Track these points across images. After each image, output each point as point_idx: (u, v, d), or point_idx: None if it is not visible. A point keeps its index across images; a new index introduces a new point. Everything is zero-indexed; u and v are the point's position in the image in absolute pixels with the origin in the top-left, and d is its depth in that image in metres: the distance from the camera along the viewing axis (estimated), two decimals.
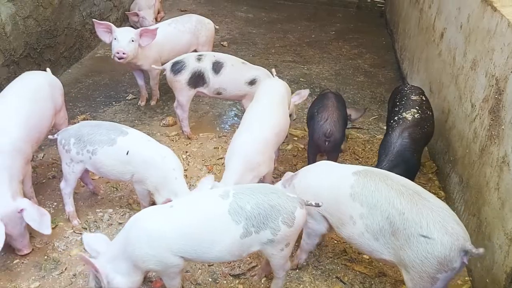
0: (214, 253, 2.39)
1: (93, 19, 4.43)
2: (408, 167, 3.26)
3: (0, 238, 2.65)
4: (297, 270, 3.01)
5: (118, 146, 3.06)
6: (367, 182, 2.54)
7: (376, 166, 3.23)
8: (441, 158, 3.91)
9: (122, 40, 4.16)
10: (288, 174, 3.08)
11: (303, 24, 7.52)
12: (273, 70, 4.11)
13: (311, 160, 3.67)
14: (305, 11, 8.10)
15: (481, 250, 2.26)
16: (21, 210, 2.79)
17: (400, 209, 2.39)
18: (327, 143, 3.50)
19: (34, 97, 3.27)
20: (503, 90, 2.82)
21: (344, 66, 6.10)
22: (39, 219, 2.83)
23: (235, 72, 4.14)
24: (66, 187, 3.23)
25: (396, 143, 3.29)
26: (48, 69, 3.72)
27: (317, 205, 2.51)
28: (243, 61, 4.29)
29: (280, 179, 3.07)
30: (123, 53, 4.13)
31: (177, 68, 4.09)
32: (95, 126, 3.15)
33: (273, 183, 3.26)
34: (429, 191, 3.61)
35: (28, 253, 3.02)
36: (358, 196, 2.52)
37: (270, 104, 3.47)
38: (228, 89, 4.15)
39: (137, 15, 6.31)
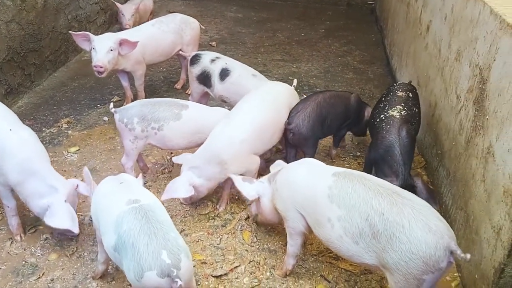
0: None
1: (69, 31, 4.35)
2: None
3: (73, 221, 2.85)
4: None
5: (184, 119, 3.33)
6: (345, 184, 2.45)
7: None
8: (429, 152, 3.84)
9: (100, 51, 4.03)
10: (279, 164, 3.01)
11: (292, 23, 7.46)
12: (295, 80, 3.81)
13: (288, 153, 3.61)
14: (295, 10, 8.05)
15: (468, 256, 2.14)
16: (77, 186, 3.02)
17: (379, 210, 2.29)
18: (291, 135, 3.42)
19: None
20: (486, 79, 2.75)
21: (333, 63, 6.04)
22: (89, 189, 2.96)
23: (240, 83, 3.84)
24: (128, 162, 3.48)
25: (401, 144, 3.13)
26: None
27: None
28: (255, 73, 3.99)
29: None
30: (101, 67, 4.00)
31: (193, 60, 4.12)
32: (156, 104, 3.40)
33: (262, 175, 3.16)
34: None
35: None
36: (336, 197, 2.43)
37: (258, 100, 3.36)
38: (231, 99, 3.88)
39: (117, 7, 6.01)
